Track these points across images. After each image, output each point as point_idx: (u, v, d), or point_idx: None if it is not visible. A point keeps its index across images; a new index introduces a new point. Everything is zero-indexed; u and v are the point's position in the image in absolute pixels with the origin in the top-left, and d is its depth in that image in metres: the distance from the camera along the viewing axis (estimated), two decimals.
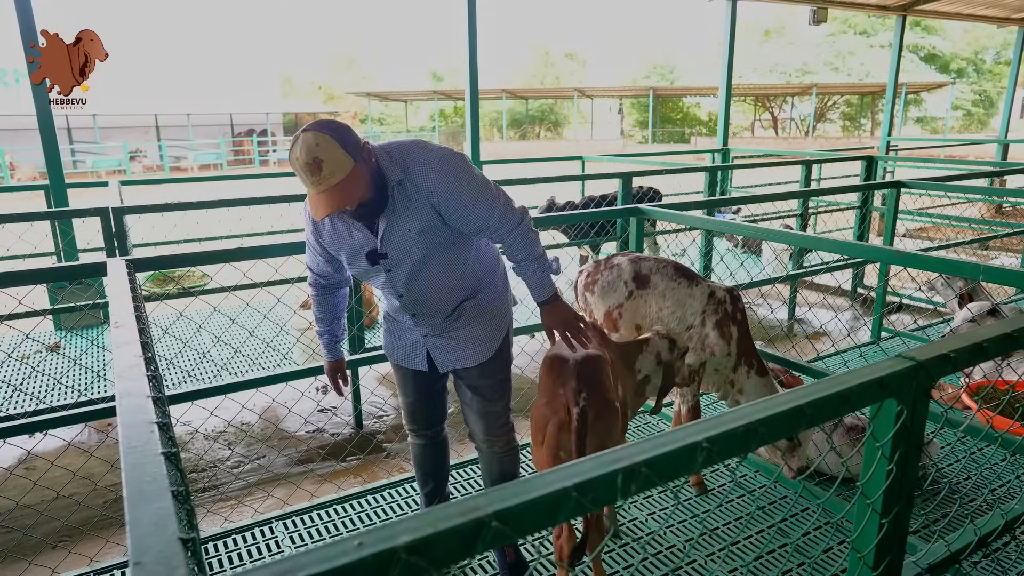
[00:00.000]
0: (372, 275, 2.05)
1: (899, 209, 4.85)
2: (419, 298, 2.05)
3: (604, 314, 2.86)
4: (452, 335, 2.13)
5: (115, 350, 1.33)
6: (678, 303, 2.80)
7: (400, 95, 36.14)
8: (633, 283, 2.82)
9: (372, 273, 2.03)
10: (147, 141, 28.21)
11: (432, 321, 2.12)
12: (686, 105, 42.26)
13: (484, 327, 2.14)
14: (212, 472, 3.75)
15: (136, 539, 0.71)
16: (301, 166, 1.71)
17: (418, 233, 1.92)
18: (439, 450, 2.47)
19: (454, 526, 0.72)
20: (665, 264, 2.86)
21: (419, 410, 2.36)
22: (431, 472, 2.48)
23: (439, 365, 2.19)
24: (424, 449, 2.44)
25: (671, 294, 2.80)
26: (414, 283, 2.02)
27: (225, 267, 2.61)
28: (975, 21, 10.87)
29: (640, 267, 2.83)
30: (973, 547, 1.40)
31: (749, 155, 12.43)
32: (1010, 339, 1.31)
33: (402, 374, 2.30)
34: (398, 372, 2.32)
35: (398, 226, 1.91)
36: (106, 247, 3.63)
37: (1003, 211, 10.19)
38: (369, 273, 2.04)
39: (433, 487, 2.50)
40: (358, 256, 1.98)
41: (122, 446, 0.92)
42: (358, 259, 1.99)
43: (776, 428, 0.98)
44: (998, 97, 36.22)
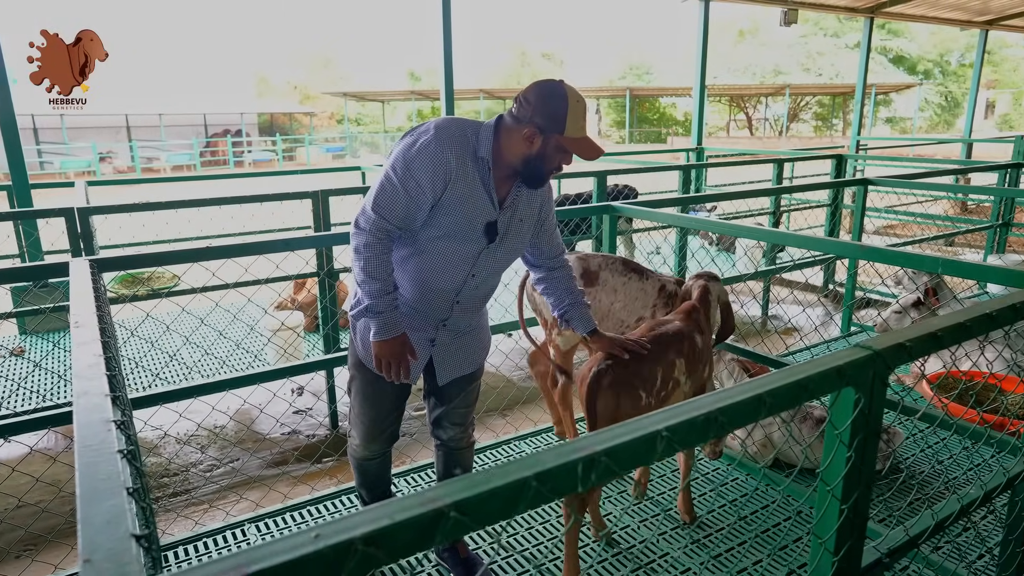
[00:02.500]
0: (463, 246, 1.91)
1: (868, 207, 4.94)
2: (478, 287, 2.02)
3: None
4: (466, 341, 2.13)
5: (75, 349, 1.31)
6: (630, 297, 2.82)
7: (377, 95, 35.91)
8: (581, 280, 2.82)
9: (464, 245, 1.91)
10: (118, 142, 27.68)
11: (466, 318, 2.08)
12: (663, 105, 42.60)
13: (487, 332, 2.23)
14: (183, 476, 3.69)
15: (87, 537, 0.70)
16: (585, 109, 1.85)
17: (526, 225, 2.02)
18: (388, 461, 2.38)
19: (412, 517, 0.72)
20: (613, 260, 2.88)
21: (389, 428, 2.21)
22: (381, 482, 2.38)
23: (442, 374, 2.11)
24: (379, 464, 2.32)
25: (622, 289, 2.82)
26: (488, 269, 1.99)
27: (194, 268, 2.57)
28: (939, 23, 11.13)
29: (588, 264, 2.85)
30: (931, 531, 1.44)
31: (723, 154, 12.58)
32: (964, 328, 1.35)
33: (383, 389, 2.11)
34: (379, 387, 2.10)
35: (518, 211, 1.98)
36: (71, 248, 3.56)
37: (967, 209, 10.43)
38: (464, 241, 1.90)
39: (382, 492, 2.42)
40: (474, 222, 1.88)
41: (77, 444, 0.91)
42: (471, 225, 1.88)
43: (736, 417, 1.00)
44: (963, 98, 37.10)
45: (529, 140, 1.84)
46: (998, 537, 2.39)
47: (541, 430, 3.52)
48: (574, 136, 1.83)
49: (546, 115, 1.81)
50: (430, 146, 1.80)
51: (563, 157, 1.88)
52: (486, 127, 1.89)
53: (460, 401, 2.23)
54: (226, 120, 31.14)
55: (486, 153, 1.86)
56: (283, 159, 29.61)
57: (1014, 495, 1.77)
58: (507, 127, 1.87)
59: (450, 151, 1.81)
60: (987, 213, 8.45)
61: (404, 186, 1.81)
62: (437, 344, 2.08)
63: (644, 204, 3.62)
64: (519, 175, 1.91)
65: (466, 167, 1.84)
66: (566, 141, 1.83)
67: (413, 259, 1.95)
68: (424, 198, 1.83)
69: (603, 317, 2.82)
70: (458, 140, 1.83)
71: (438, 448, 2.35)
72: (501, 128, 1.88)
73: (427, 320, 2.04)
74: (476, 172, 1.86)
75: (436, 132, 1.82)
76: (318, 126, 38.48)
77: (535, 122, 1.82)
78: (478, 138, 1.87)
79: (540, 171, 1.89)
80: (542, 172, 1.90)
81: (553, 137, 1.82)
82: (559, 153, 1.86)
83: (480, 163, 1.87)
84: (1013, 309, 1.46)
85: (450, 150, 1.81)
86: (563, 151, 1.86)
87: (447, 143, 1.81)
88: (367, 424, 2.18)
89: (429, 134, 1.82)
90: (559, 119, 1.80)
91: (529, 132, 1.82)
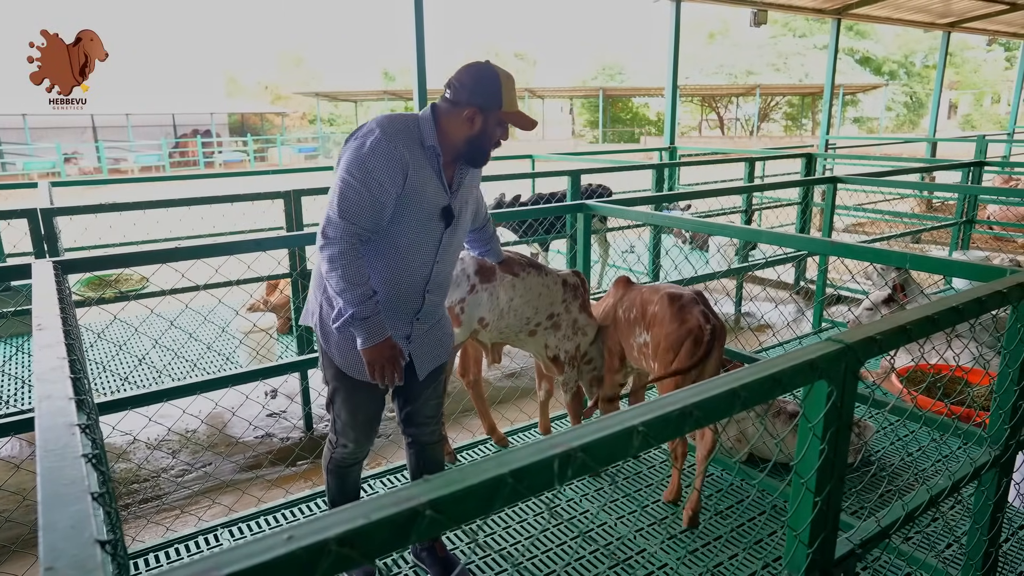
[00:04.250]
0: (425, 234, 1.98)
1: (837, 205, 5.03)
2: (443, 271, 2.10)
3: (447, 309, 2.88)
4: (436, 331, 2.19)
5: (36, 352, 1.27)
6: (531, 291, 2.86)
7: (349, 95, 35.59)
8: (476, 277, 2.84)
9: (426, 233, 1.98)
10: (83, 143, 27.00)
11: (435, 307, 2.14)
12: (635, 105, 42.90)
13: (448, 319, 2.31)
14: (154, 482, 3.62)
15: (49, 544, 0.67)
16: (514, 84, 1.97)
17: (470, 204, 2.14)
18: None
19: (387, 516, 0.71)
20: (510, 258, 2.90)
21: (373, 427, 2.21)
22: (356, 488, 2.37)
23: (421, 368, 2.15)
24: (359, 466, 2.33)
25: (520, 284, 2.84)
26: (449, 251, 2.08)
27: (164, 270, 2.51)
28: (904, 25, 11.38)
29: (485, 261, 2.87)
30: (901, 522, 1.46)
31: (696, 153, 12.71)
32: (932, 322, 1.37)
33: (369, 391, 2.10)
34: (364, 391, 2.10)
35: (463, 192, 2.07)
36: (35, 250, 3.46)
37: (932, 206, 10.68)
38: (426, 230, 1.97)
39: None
40: (431, 209, 1.96)
41: (39, 449, 0.88)
42: (430, 213, 1.96)
43: (711, 411, 1.00)
44: (927, 98, 38.03)
45: (470, 121, 1.93)
46: (965, 526, 2.44)
47: (518, 429, 3.52)
48: (511, 110, 1.96)
49: (483, 94, 1.91)
50: (381, 143, 1.84)
51: (502, 132, 2.00)
52: (424, 117, 1.96)
53: (431, 393, 2.26)
54: (195, 120, 30.57)
55: (432, 141, 1.93)
56: (254, 160, 29.19)
57: (980, 485, 1.81)
58: (445, 113, 1.95)
59: (401, 144, 1.87)
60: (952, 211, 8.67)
61: (367, 187, 1.83)
62: (413, 339, 2.10)
63: (618, 202, 3.64)
64: (462, 157, 2.00)
65: (418, 158, 1.91)
66: (505, 115, 1.96)
67: (381, 258, 1.97)
68: (388, 195, 1.86)
69: (503, 313, 2.85)
70: (405, 133, 1.89)
71: (410, 446, 2.36)
72: (439, 115, 1.96)
73: (401, 316, 2.06)
74: (427, 161, 1.93)
75: (383, 129, 1.86)
76: (290, 126, 38.02)
77: (474, 102, 1.91)
78: (420, 128, 1.94)
79: (483, 149, 1.99)
80: (485, 149, 1.99)
81: (493, 113, 1.93)
82: (499, 128, 1.98)
83: (428, 152, 1.94)
84: (978, 302, 1.49)
85: (401, 143, 1.87)
86: (502, 126, 1.98)
87: (396, 137, 1.86)
88: (362, 427, 2.17)
89: (376, 133, 1.86)
90: (496, 95, 1.92)
91: (470, 113, 1.92)
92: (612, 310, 2.95)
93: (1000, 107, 41.69)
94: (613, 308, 2.95)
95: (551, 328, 2.94)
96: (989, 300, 1.52)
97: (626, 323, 2.86)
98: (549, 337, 2.96)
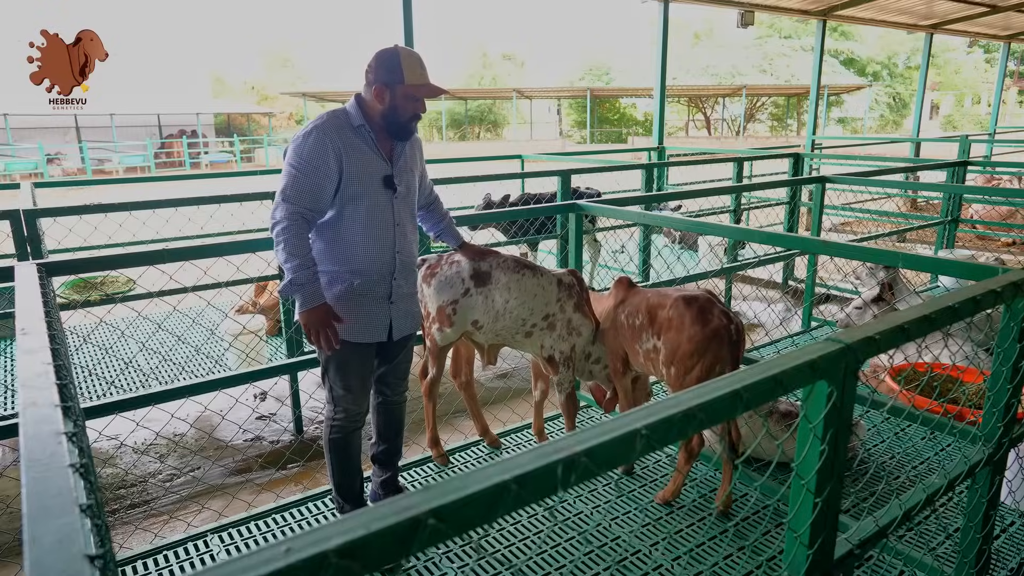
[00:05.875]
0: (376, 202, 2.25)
1: (824, 204, 5.06)
2: (406, 235, 2.35)
3: (437, 308, 2.88)
4: (411, 301, 2.47)
5: (21, 358, 1.24)
6: (526, 293, 2.86)
7: (337, 95, 35.37)
8: (471, 281, 2.85)
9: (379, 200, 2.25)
10: (67, 143, 26.66)
11: (408, 271, 2.41)
12: (623, 106, 43.02)
13: (418, 301, 2.60)
14: (141, 487, 3.56)
15: (35, 559, 0.65)
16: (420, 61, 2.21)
17: (414, 175, 2.39)
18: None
19: (388, 526, 0.69)
20: (505, 259, 2.91)
21: (366, 389, 2.47)
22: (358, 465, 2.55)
23: (399, 331, 2.43)
24: (357, 437, 2.51)
25: (516, 286, 2.84)
26: (403, 215, 2.33)
27: (150, 272, 2.47)
28: (887, 26, 11.48)
29: (480, 265, 2.87)
30: (899, 521, 1.46)
31: (684, 153, 12.75)
32: (929, 321, 1.37)
33: (359, 354, 2.37)
34: (355, 354, 2.36)
35: (404, 163, 2.33)
36: (17, 252, 3.39)
37: (917, 206, 10.79)
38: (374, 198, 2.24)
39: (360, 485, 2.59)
40: (374, 179, 2.24)
41: (24, 459, 0.85)
42: (373, 182, 2.23)
43: (714, 413, 0.99)
44: (910, 99, 38.46)
45: (380, 97, 2.20)
46: (959, 523, 2.45)
47: (510, 430, 3.50)
48: (415, 83, 2.20)
49: (385, 71, 2.18)
50: (311, 135, 2.15)
51: (415, 105, 2.23)
52: (350, 104, 2.26)
53: (403, 357, 2.60)
54: (181, 121, 30.27)
55: (361, 121, 2.22)
56: (241, 160, 28.96)
57: (974, 482, 1.82)
58: (363, 96, 2.26)
59: (332, 132, 2.16)
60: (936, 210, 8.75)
61: (302, 171, 2.13)
62: (394, 298, 2.37)
63: (609, 202, 3.64)
64: (387, 131, 2.26)
65: (350, 140, 2.19)
66: (410, 88, 2.19)
67: (347, 231, 2.25)
68: (323, 174, 2.14)
69: (498, 315, 2.85)
70: (333, 123, 2.19)
71: (380, 405, 2.64)
72: (362, 99, 2.26)
73: (380, 279, 2.33)
74: (360, 140, 2.22)
75: (315, 125, 2.18)
76: (277, 127, 37.76)
77: (379, 80, 2.18)
78: (347, 114, 2.24)
79: (398, 121, 2.23)
80: (400, 121, 2.23)
81: (398, 88, 2.18)
82: (409, 101, 2.21)
83: (360, 131, 2.23)
84: (973, 301, 1.49)
85: (330, 133, 2.16)
86: (411, 98, 2.21)
87: (325, 129, 2.17)
88: (356, 390, 2.41)
89: (308, 128, 2.18)
90: (396, 70, 2.17)
91: (377, 89, 2.19)
92: (613, 313, 2.90)
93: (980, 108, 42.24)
94: (614, 311, 2.90)
95: (546, 329, 2.93)
96: (984, 299, 1.52)
97: (630, 328, 2.80)
98: (545, 338, 2.94)
